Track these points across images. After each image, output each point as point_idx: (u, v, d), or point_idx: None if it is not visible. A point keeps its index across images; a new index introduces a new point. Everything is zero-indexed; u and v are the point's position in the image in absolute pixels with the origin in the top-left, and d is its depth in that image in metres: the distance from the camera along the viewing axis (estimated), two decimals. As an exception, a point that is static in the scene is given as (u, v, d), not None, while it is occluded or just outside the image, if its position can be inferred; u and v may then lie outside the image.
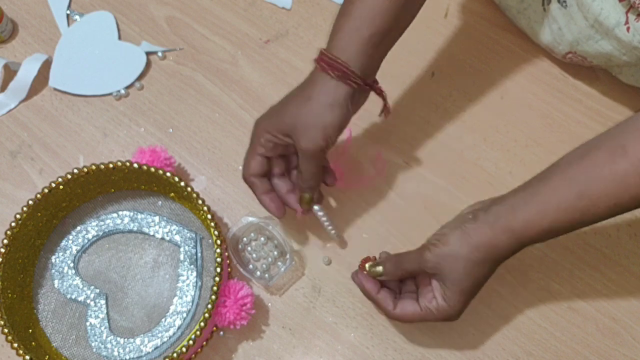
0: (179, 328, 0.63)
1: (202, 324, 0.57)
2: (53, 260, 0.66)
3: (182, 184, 0.62)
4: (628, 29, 0.62)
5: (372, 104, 0.60)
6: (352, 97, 0.56)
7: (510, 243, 0.51)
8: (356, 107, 0.58)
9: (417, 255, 0.54)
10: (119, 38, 0.78)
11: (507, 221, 0.50)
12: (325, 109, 0.55)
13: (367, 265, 0.58)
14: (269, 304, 0.65)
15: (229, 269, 0.66)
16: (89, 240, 0.66)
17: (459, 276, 0.52)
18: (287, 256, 0.64)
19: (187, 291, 0.64)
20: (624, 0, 0.61)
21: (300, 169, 0.58)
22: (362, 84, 0.55)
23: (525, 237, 0.50)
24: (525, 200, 0.50)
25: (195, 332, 0.57)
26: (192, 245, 0.65)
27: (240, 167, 0.71)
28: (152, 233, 0.66)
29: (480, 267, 0.52)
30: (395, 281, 0.59)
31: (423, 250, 0.54)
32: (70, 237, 0.66)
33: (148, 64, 0.76)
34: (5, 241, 0.60)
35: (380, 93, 0.60)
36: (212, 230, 0.60)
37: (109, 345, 0.62)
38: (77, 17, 0.79)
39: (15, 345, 0.56)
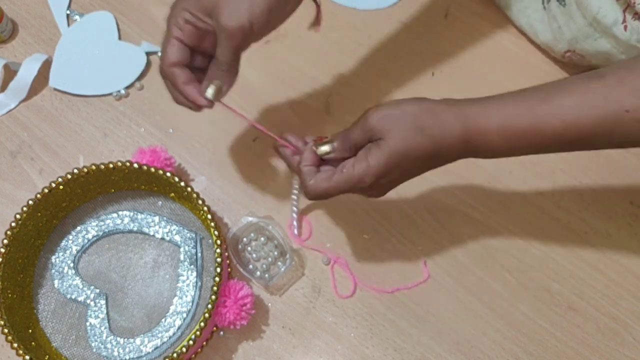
0: (179, 328, 0.63)
1: (202, 324, 0.57)
2: (53, 260, 0.66)
3: (182, 184, 0.62)
4: (625, 27, 0.62)
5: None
6: None
7: (458, 128, 0.48)
8: (287, 3, 0.52)
9: (362, 119, 0.50)
10: (119, 38, 0.78)
11: (465, 105, 0.49)
12: None
13: (317, 146, 0.53)
14: (269, 304, 0.65)
15: (229, 269, 0.66)
16: (89, 240, 0.66)
17: (395, 135, 0.48)
18: (287, 256, 0.64)
19: (187, 291, 0.64)
20: None
21: (217, 54, 0.51)
22: None
23: (475, 127, 0.48)
24: (484, 100, 0.49)
25: (195, 332, 0.57)
26: (192, 245, 0.65)
27: (240, 167, 0.71)
28: (152, 233, 0.66)
29: (420, 139, 0.48)
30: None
31: (368, 114, 0.50)
32: (70, 237, 0.66)
33: (148, 64, 0.76)
34: (5, 241, 0.60)
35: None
36: (212, 230, 0.60)
37: (109, 346, 0.62)
38: (77, 17, 0.79)
39: (15, 345, 0.56)
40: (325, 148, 0.52)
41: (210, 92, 0.53)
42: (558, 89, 0.48)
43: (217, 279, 0.58)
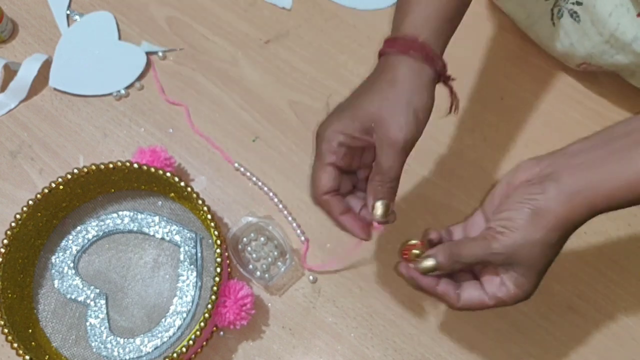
0: (179, 328, 0.63)
1: (202, 324, 0.57)
2: (53, 260, 0.66)
3: (182, 184, 0.62)
4: None
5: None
6: (433, 82, 0.49)
7: (589, 215, 0.44)
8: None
9: (481, 247, 0.45)
10: (119, 38, 0.78)
11: (586, 196, 0.43)
12: (414, 91, 0.47)
13: (412, 257, 0.48)
14: (269, 304, 0.65)
15: (229, 269, 0.66)
16: (89, 240, 0.66)
17: (534, 262, 0.44)
18: (287, 256, 0.64)
19: (187, 291, 0.64)
20: None
21: (382, 169, 0.48)
22: (443, 67, 0.49)
23: (605, 209, 0.43)
24: (605, 168, 0.43)
25: (195, 332, 0.57)
26: (192, 245, 0.65)
27: (240, 168, 0.71)
28: (152, 233, 0.66)
29: (556, 247, 0.45)
30: None
31: (489, 241, 0.45)
32: (70, 237, 0.66)
33: (148, 64, 0.76)
34: (5, 241, 0.60)
35: (449, 84, 0.52)
36: (212, 230, 0.60)
37: (108, 346, 0.62)
38: (77, 17, 0.79)
39: (15, 345, 0.56)
40: (430, 264, 0.47)
41: (379, 212, 0.49)
42: None
43: (217, 279, 0.58)
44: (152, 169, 0.63)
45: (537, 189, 0.44)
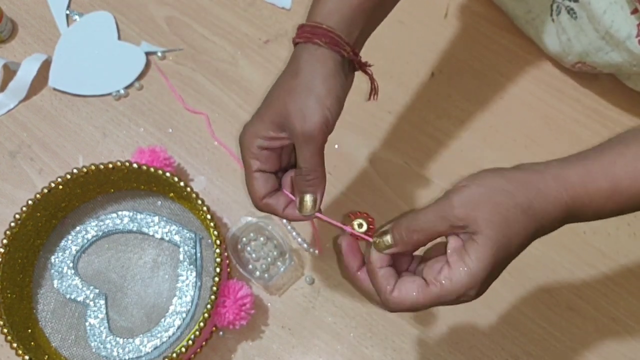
0: (178, 328, 0.63)
1: (201, 324, 0.57)
2: (52, 260, 0.65)
3: (182, 184, 0.62)
4: (639, 41, 0.62)
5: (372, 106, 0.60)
6: (343, 67, 0.47)
7: (563, 198, 0.40)
8: (348, 83, 0.49)
9: (438, 207, 0.41)
10: (119, 38, 0.78)
11: (559, 169, 0.40)
12: (318, 79, 0.45)
13: (374, 239, 0.43)
14: (269, 304, 0.65)
15: (229, 269, 0.66)
16: (88, 240, 0.66)
17: (493, 224, 0.39)
18: (287, 256, 0.64)
19: (187, 291, 0.64)
20: (636, 12, 0.61)
21: (299, 163, 0.46)
22: (352, 52, 0.47)
23: (583, 193, 0.40)
24: (582, 160, 0.41)
25: (194, 332, 0.57)
26: (191, 245, 0.65)
27: (239, 168, 0.71)
28: (151, 233, 0.66)
29: (523, 221, 0.39)
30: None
31: (447, 198, 0.41)
32: (70, 237, 0.66)
33: (147, 64, 0.76)
34: (5, 241, 0.60)
35: (365, 69, 0.50)
36: (211, 230, 0.60)
37: (108, 346, 0.62)
38: (76, 17, 0.79)
39: (15, 345, 0.56)
40: (386, 240, 0.42)
41: (307, 206, 0.47)
42: None
43: (216, 279, 0.58)
44: (152, 169, 0.63)
45: (504, 170, 0.41)
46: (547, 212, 0.40)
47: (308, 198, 0.47)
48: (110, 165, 0.63)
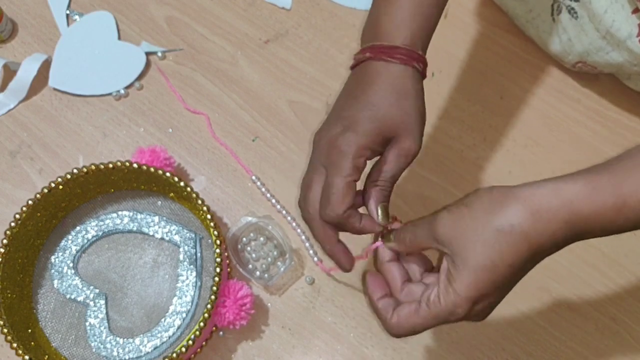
0: (178, 328, 0.63)
1: (201, 324, 0.57)
2: (52, 260, 0.65)
3: (182, 184, 0.62)
4: None
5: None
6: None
7: (562, 213, 0.38)
8: None
9: (428, 224, 0.42)
10: (119, 38, 0.78)
11: (562, 183, 0.39)
12: (421, 100, 0.48)
13: (385, 233, 0.48)
14: (269, 304, 0.65)
15: (229, 269, 0.66)
16: (88, 240, 0.66)
17: (473, 247, 0.39)
18: (287, 256, 0.64)
19: (187, 291, 0.64)
20: (637, 12, 0.61)
21: (387, 173, 0.47)
22: (425, 67, 0.49)
23: (587, 208, 0.38)
24: (580, 176, 0.39)
25: (194, 332, 0.57)
26: (191, 245, 0.65)
27: (240, 168, 0.71)
28: (151, 233, 0.66)
29: (508, 240, 0.39)
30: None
31: (435, 217, 0.42)
32: (70, 237, 0.66)
33: (148, 64, 0.76)
34: (5, 241, 0.60)
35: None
36: (211, 230, 0.60)
37: (108, 345, 0.62)
38: (76, 17, 0.79)
39: (15, 345, 0.56)
40: (392, 237, 0.46)
41: (383, 215, 0.48)
42: None
43: (216, 278, 0.58)
44: (152, 169, 0.63)
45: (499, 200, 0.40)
46: (541, 230, 0.39)
47: (385, 206, 0.48)
48: (111, 165, 0.63)
